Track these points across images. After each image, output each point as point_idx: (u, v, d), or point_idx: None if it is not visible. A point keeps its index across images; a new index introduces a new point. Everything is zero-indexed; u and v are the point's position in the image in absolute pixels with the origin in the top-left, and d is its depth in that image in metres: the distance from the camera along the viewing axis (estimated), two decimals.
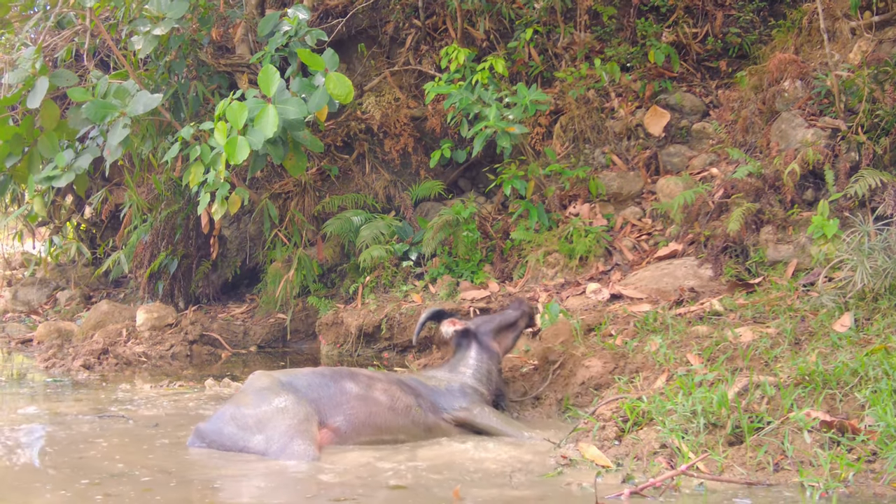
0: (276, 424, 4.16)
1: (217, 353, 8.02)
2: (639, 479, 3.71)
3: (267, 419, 4.20)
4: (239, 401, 4.34)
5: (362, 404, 4.44)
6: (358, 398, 4.44)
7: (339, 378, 4.51)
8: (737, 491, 3.60)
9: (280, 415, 4.19)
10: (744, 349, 4.86)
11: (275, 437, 4.13)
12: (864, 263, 5.14)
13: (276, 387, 4.33)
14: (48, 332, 8.43)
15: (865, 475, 3.70)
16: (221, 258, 9.39)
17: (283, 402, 4.24)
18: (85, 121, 7.37)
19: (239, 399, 4.36)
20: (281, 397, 4.26)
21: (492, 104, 7.36)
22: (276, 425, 4.16)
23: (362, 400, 4.45)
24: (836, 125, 6.47)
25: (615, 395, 4.65)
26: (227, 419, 4.27)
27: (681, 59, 8.60)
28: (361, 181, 8.88)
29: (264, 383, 4.38)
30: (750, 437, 3.97)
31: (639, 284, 6.58)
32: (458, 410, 4.71)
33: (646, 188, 7.93)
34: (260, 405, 4.25)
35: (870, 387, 4.17)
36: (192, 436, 4.35)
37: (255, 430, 4.18)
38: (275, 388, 4.32)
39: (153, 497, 3.51)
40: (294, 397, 4.27)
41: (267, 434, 4.15)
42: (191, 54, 8.47)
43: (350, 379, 4.52)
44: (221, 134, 6.64)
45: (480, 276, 7.70)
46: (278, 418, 4.18)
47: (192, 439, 4.33)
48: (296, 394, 4.30)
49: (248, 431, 4.19)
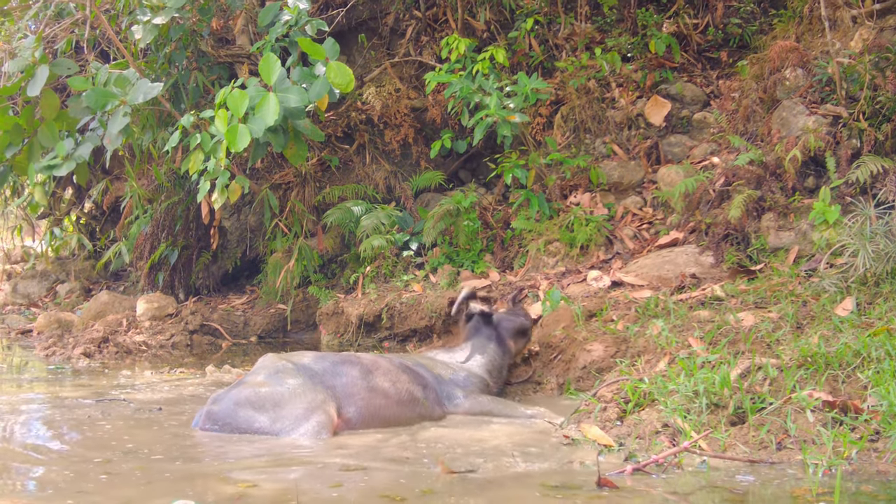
0: (294, 405, 4.14)
1: (217, 343, 8.01)
2: (641, 458, 3.70)
3: (285, 400, 4.17)
4: (253, 382, 4.30)
5: (372, 396, 4.42)
6: (369, 390, 4.43)
7: (350, 366, 4.49)
8: (739, 468, 3.60)
9: (297, 396, 4.17)
10: (746, 333, 4.85)
11: (291, 417, 4.10)
12: (865, 247, 5.14)
13: (291, 369, 4.31)
14: (48, 322, 8.42)
15: (868, 453, 3.69)
16: (222, 249, 9.38)
17: (299, 383, 4.22)
18: (85, 109, 7.36)
19: (253, 381, 4.32)
20: (297, 379, 4.24)
21: (492, 93, 7.36)
22: (294, 405, 4.14)
23: (373, 392, 4.44)
24: (838, 112, 6.46)
25: (617, 377, 4.64)
26: (242, 400, 4.20)
27: (681, 50, 8.60)
28: (362, 172, 8.87)
29: (279, 365, 4.36)
30: (752, 417, 3.96)
31: (640, 272, 6.57)
32: (463, 402, 4.70)
33: (647, 178, 7.92)
34: (276, 386, 4.22)
35: (872, 367, 4.16)
36: (200, 418, 4.28)
37: (272, 410, 4.14)
38: (290, 370, 4.30)
39: (160, 475, 3.50)
40: (311, 381, 4.26)
41: (284, 413, 4.12)
42: (191, 45, 8.46)
43: (361, 368, 4.50)
44: (222, 122, 6.63)
45: (481, 265, 7.69)
46: (296, 399, 4.16)
47: (201, 422, 4.26)
48: (312, 377, 4.29)
49: (263, 412, 4.14)
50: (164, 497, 3.14)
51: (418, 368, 4.78)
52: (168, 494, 3.17)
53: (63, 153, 7.40)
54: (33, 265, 11.82)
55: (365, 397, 4.40)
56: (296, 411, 4.12)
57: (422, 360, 5.00)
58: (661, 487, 3.37)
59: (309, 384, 4.24)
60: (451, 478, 3.45)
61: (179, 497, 3.12)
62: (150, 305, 8.09)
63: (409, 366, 4.78)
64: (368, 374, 4.49)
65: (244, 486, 3.31)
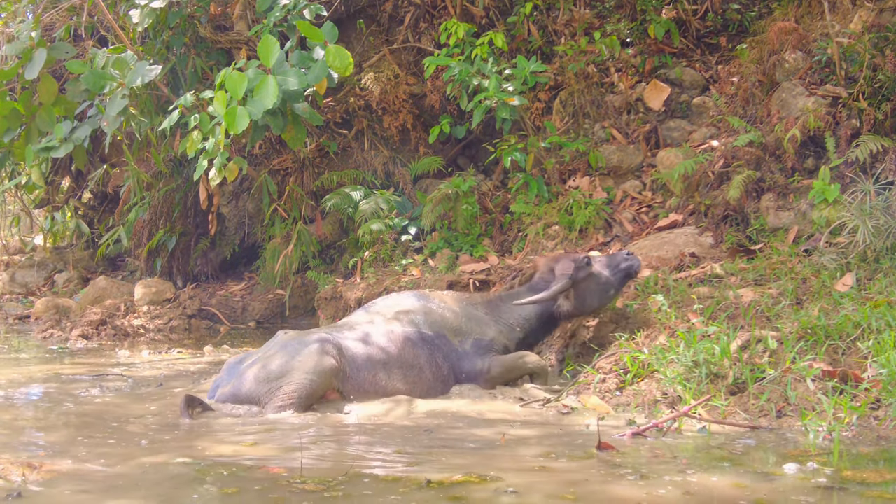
0: (297, 378, 4.12)
1: (215, 327, 8.00)
2: (641, 424, 3.69)
3: (291, 370, 4.15)
4: (265, 356, 4.28)
5: (385, 381, 4.40)
6: (383, 376, 4.41)
7: (368, 343, 4.47)
8: (740, 433, 3.59)
9: (302, 368, 4.15)
10: (745, 307, 4.84)
11: (290, 391, 4.08)
12: (865, 223, 5.13)
13: (304, 339, 4.31)
14: (46, 308, 8.40)
15: (869, 420, 3.69)
16: (220, 236, 9.36)
17: (311, 355, 4.20)
18: (84, 92, 7.35)
19: (265, 354, 4.30)
20: (311, 351, 4.23)
21: (491, 76, 7.34)
22: (297, 379, 4.11)
23: (387, 377, 4.41)
24: (837, 93, 6.45)
25: (616, 350, 4.63)
26: (250, 377, 4.17)
27: (681, 36, 8.58)
28: (360, 157, 8.85)
29: (291, 337, 4.35)
30: (752, 386, 3.95)
31: (639, 252, 6.54)
32: (480, 374, 4.68)
33: (646, 161, 7.90)
34: (288, 358, 4.20)
35: (873, 338, 4.15)
36: (214, 390, 4.27)
37: (276, 382, 4.13)
38: (302, 341, 4.30)
39: (160, 439, 3.50)
40: (328, 358, 4.24)
41: (287, 384, 4.11)
42: (189, 30, 8.44)
43: (378, 349, 4.47)
44: (221, 104, 6.61)
45: (480, 249, 7.67)
46: (300, 371, 4.13)
47: (218, 395, 4.23)
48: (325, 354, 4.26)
49: (269, 384, 4.12)
50: (164, 455, 3.13)
51: (438, 341, 4.69)
52: (168, 452, 3.17)
53: (61, 135, 7.38)
54: (31, 255, 11.79)
55: (376, 379, 4.43)
56: (300, 381, 4.10)
57: (449, 319, 4.85)
58: (662, 450, 3.36)
59: (320, 358, 4.22)
60: (455, 444, 3.46)
61: (179, 456, 3.12)
62: (147, 290, 8.07)
63: (428, 339, 4.68)
64: (383, 362, 4.48)
65: (245, 445, 3.31)
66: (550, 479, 2.93)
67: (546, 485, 2.84)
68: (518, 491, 2.74)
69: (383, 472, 3.01)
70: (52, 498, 2.62)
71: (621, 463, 3.15)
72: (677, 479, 2.92)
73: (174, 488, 2.74)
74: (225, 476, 2.88)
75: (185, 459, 3.05)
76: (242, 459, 3.12)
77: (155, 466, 3.01)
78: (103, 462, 3.08)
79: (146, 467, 3.00)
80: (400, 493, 2.69)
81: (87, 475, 2.90)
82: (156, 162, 8.71)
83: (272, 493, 2.70)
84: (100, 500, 2.62)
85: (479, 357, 4.69)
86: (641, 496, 2.73)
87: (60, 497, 2.63)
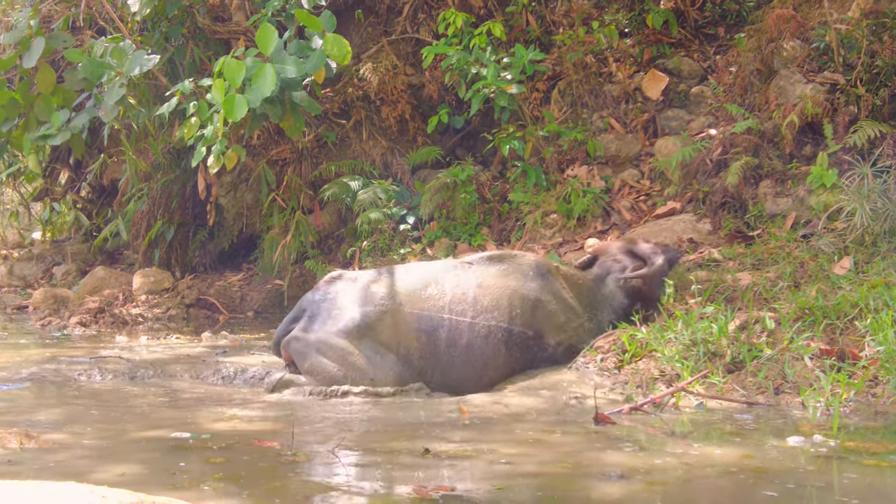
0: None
1: (214, 317, 7.99)
2: (639, 400, 3.70)
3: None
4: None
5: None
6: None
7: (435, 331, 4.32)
8: (737, 409, 3.60)
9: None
10: (743, 290, 4.85)
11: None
12: (863, 206, 5.14)
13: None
14: (44, 298, 8.39)
15: (867, 396, 3.69)
16: (218, 227, 9.35)
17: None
18: (82, 81, 7.34)
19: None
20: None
21: (489, 64, 7.34)
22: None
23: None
24: (835, 79, 6.45)
25: (613, 330, 4.63)
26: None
27: (679, 26, 8.58)
28: (359, 148, 8.84)
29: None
30: (750, 363, 3.96)
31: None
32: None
33: (644, 150, 7.90)
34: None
35: (870, 317, 4.16)
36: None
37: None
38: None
39: (158, 414, 3.50)
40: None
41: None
42: (187, 21, 8.44)
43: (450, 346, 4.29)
44: (219, 91, 6.60)
45: (478, 238, 7.67)
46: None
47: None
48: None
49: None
50: (161, 429, 3.14)
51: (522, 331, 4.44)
52: (165, 427, 3.17)
53: (58, 123, 7.36)
54: (30, 249, 11.79)
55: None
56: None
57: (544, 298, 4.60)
58: (660, 425, 3.37)
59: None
60: (465, 416, 3.48)
61: (176, 430, 3.12)
62: (146, 280, 8.07)
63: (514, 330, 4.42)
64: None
65: (238, 419, 3.31)
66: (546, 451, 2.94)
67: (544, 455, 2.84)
68: (512, 462, 2.74)
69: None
70: (46, 464, 2.63)
71: (619, 436, 3.15)
72: (678, 450, 2.93)
73: (163, 456, 2.76)
74: (215, 449, 2.89)
75: (182, 434, 3.05)
76: (236, 433, 3.13)
77: (149, 440, 3.02)
78: (99, 436, 3.09)
79: (140, 440, 3.01)
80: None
81: (81, 446, 2.91)
82: (154, 152, 8.69)
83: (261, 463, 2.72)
84: (92, 466, 2.64)
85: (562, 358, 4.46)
86: (640, 465, 2.73)
87: (54, 464, 2.64)
